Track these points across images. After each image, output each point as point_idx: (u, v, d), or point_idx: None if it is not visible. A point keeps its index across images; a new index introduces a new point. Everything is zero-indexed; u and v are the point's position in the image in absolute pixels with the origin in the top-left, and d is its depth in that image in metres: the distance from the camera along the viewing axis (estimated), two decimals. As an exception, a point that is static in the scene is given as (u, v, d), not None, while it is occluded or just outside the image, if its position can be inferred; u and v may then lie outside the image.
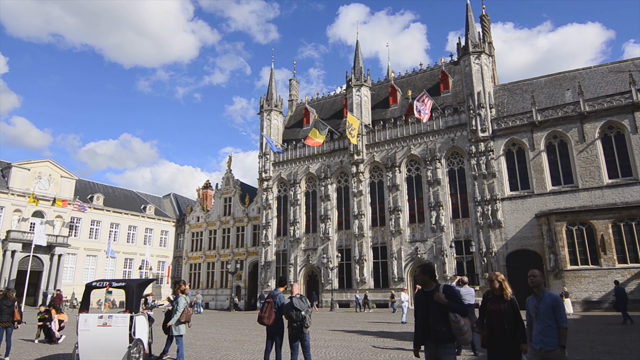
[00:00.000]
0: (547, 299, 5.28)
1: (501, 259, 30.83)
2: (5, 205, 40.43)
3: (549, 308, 5.20)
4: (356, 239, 36.68)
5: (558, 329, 5.11)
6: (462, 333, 5.03)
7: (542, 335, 5.19)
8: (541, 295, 5.37)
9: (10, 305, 11.50)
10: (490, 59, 36.49)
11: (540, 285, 5.38)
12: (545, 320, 5.19)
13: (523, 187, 31.72)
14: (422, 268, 5.46)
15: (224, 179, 50.07)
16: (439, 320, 5.11)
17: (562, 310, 5.14)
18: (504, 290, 5.57)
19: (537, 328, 5.27)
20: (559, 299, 5.20)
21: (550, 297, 5.27)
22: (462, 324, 5.02)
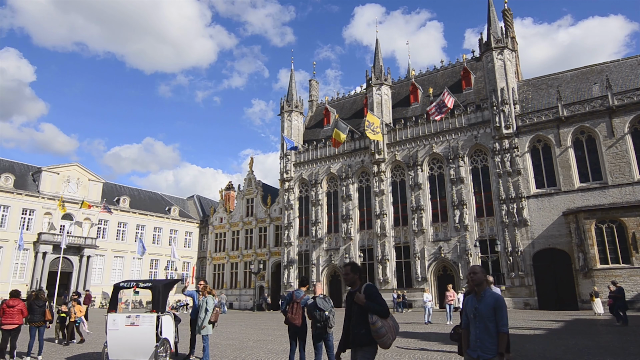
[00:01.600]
0: (488, 299, 4.66)
1: (527, 258, 30.18)
2: (36, 209, 41.74)
3: (489, 309, 4.58)
4: (378, 238, 36.48)
5: (497, 333, 4.50)
6: (379, 335, 4.68)
7: (480, 340, 4.59)
8: (482, 294, 4.74)
9: (42, 305, 11.86)
10: (513, 54, 35.76)
11: (482, 284, 4.81)
12: (484, 323, 4.58)
13: (549, 184, 30.97)
14: (351, 266, 5.10)
15: (246, 180, 50.52)
16: (358, 322, 4.82)
17: (504, 312, 4.53)
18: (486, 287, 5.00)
19: (475, 332, 4.68)
20: (501, 300, 4.64)
21: (492, 297, 4.64)
22: (380, 326, 4.68)
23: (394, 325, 4.85)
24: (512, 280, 30.26)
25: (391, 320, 4.85)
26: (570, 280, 28.39)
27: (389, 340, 4.74)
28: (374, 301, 4.79)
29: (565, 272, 28.71)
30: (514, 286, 30.25)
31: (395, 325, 4.87)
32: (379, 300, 4.83)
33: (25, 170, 44.38)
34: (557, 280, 28.87)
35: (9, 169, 42.69)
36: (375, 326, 4.67)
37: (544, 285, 29.32)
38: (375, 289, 4.93)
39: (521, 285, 29.97)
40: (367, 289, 4.89)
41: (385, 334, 4.69)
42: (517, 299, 29.88)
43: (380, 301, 4.83)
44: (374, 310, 4.72)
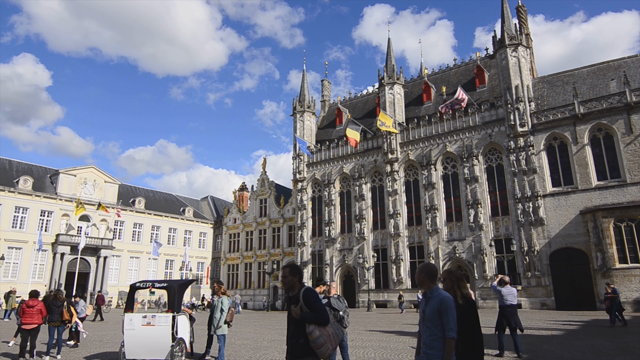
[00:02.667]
0: (433, 301, 4.17)
1: (544, 257, 29.76)
2: (54, 210, 42.48)
3: (434, 312, 4.11)
4: (392, 238, 36.32)
5: (443, 338, 4.03)
6: (317, 346, 4.32)
7: (426, 346, 4.16)
8: (429, 295, 4.26)
9: (60, 305, 12.06)
10: (527, 51, 35.29)
11: (424, 283, 4.33)
12: (430, 328, 4.14)
13: (566, 182, 30.49)
14: (289, 268, 4.72)
15: (259, 181, 50.72)
16: (296, 331, 4.45)
17: (451, 316, 4.03)
18: (458, 291, 4.45)
19: (423, 337, 4.25)
20: (448, 301, 4.11)
21: (438, 298, 4.15)
22: (317, 336, 4.32)
23: (334, 333, 4.52)
24: (529, 280, 29.87)
25: (331, 328, 4.52)
26: (588, 280, 27.91)
27: (327, 350, 4.39)
28: (312, 308, 4.45)
29: (583, 271, 28.24)
30: (530, 286, 29.85)
31: (336, 332, 4.58)
32: (317, 306, 4.48)
33: (43, 173, 45.19)
34: (575, 280, 28.41)
35: (28, 171, 43.53)
36: (313, 336, 4.34)
37: (561, 285, 28.89)
38: (315, 294, 4.59)
39: (538, 285, 29.57)
40: (306, 295, 4.54)
41: (323, 343, 4.35)
42: (533, 299, 29.49)
43: (318, 308, 4.48)
44: (311, 320, 4.38)
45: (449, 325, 4.01)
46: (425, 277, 4.34)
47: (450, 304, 4.10)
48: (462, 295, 4.31)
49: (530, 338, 13.78)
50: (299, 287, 4.67)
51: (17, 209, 40.32)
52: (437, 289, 4.27)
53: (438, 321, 4.08)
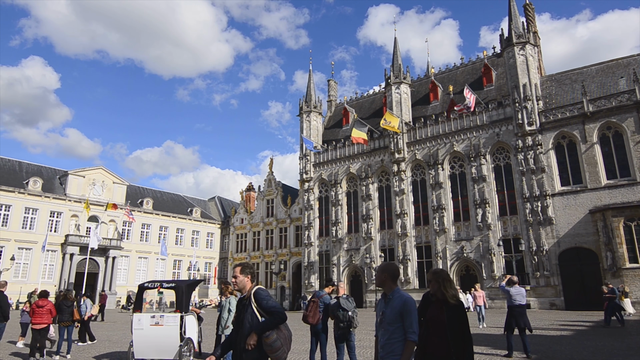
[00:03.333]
0: (395, 302, 4.02)
1: (553, 257, 29.53)
2: (63, 211, 42.86)
3: (396, 314, 3.95)
4: (399, 238, 36.22)
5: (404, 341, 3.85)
6: (273, 350, 4.05)
7: (384, 349, 3.97)
8: (389, 296, 4.11)
9: (70, 305, 12.18)
10: (535, 49, 35.04)
11: (386, 283, 4.16)
12: (389, 331, 3.96)
13: (575, 181, 30.22)
14: (240, 267, 4.44)
15: (266, 181, 50.81)
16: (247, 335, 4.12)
17: (414, 318, 3.88)
18: (445, 292, 4.20)
19: (381, 339, 4.05)
20: (411, 303, 3.95)
21: (400, 300, 3.99)
22: (274, 339, 4.05)
23: (288, 336, 4.28)
24: (538, 280, 29.64)
25: (286, 330, 4.29)
26: (598, 279, 27.60)
27: (283, 354, 4.15)
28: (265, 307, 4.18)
29: (593, 271, 27.97)
30: (539, 286, 29.63)
31: (289, 334, 4.31)
32: (270, 304, 4.21)
33: (53, 174, 45.62)
34: (584, 280, 28.15)
35: (37, 172, 43.95)
36: (269, 339, 4.04)
37: (571, 285, 28.64)
38: (265, 293, 4.33)
39: (547, 285, 29.34)
40: (257, 296, 4.26)
41: (279, 347, 4.09)
42: (542, 299, 29.27)
43: (271, 305, 4.20)
44: (269, 327, 4.10)
45: (412, 328, 3.85)
46: (387, 278, 4.16)
47: (413, 306, 3.96)
48: (450, 296, 4.11)
49: (539, 338, 13.68)
50: (252, 287, 4.38)
51: (27, 209, 40.74)
52: (398, 290, 4.11)
53: (399, 323, 3.91)
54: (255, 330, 4.08)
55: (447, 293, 4.12)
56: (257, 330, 4.08)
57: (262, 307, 4.22)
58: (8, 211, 39.59)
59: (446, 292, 4.13)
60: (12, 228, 39.50)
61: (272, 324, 4.13)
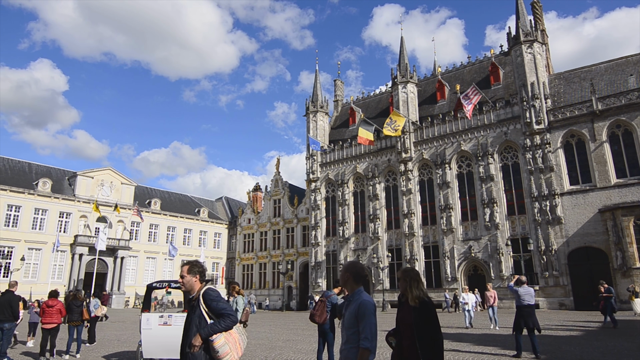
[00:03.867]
0: (352, 305, 3.71)
1: (562, 257, 29.29)
2: (72, 212, 43.25)
3: (352, 318, 3.65)
4: (406, 238, 36.12)
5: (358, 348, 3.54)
6: (220, 355, 3.79)
7: (341, 354, 3.71)
8: (350, 298, 3.84)
9: (79, 305, 12.29)
10: (543, 47, 34.78)
11: (348, 283, 3.89)
12: (346, 335, 3.69)
13: (584, 180, 29.96)
14: (189, 266, 4.15)
15: (273, 181, 50.90)
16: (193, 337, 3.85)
17: (368, 322, 3.56)
18: (410, 292, 3.95)
19: (340, 345, 3.81)
20: (367, 306, 3.62)
21: (356, 303, 3.68)
22: (222, 343, 3.79)
23: (240, 340, 4.03)
24: (546, 280, 29.42)
25: (238, 334, 4.03)
26: (608, 279, 27.28)
27: (233, 359, 3.90)
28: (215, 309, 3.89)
29: (603, 271, 27.69)
30: (548, 286, 29.41)
31: (242, 339, 4.09)
32: (220, 306, 3.92)
33: (62, 175, 46.03)
34: (594, 280, 27.70)
35: (47, 174, 44.38)
36: (217, 343, 3.77)
37: (580, 285, 28.37)
38: (216, 294, 4.02)
39: (556, 285, 29.11)
40: (206, 297, 3.96)
41: (227, 352, 3.83)
42: (551, 299, 29.04)
43: (222, 307, 3.90)
44: (217, 330, 3.81)
45: (364, 334, 3.52)
46: (350, 277, 3.90)
47: (369, 309, 3.62)
48: (413, 297, 3.85)
49: (548, 339, 13.58)
50: (201, 287, 4.07)
51: (36, 210, 41.15)
52: (359, 291, 3.83)
53: (355, 328, 3.61)
54: (200, 332, 3.80)
55: (411, 294, 3.91)
56: (203, 332, 3.80)
57: (212, 309, 3.93)
58: (18, 212, 40.01)
59: (410, 293, 3.92)
60: (22, 229, 39.92)
61: (221, 327, 3.84)
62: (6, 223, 39.25)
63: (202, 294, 4.01)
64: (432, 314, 3.85)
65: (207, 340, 3.81)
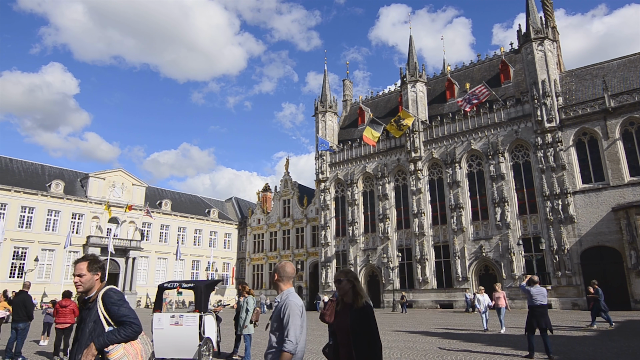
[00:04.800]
0: (278, 306, 3.57)
1: (575, 256, 28.95)
2: (84, 213, 43.72)
3: (278, 319, 3.51)
4: (416, 238, 35.96)
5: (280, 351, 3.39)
6: None
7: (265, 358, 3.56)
8: (278, 299, 3.66)
9: (93, 305, 12.38)
10: (554, 44, 34.42)
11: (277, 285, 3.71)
12: (272, 338, 3.52)
13: (597, 179, 29.58)
14: (88, 262, 3.56)
15: (282, 182, 51.00)
16: (85, 346, 3.29)
17: (292, 325, 3.40)
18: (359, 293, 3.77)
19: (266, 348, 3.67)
20: (290, 307, 3.47)
21: (284, 303, 3.54)
22: (119, 356, 3.25)
23: (144, 351, 3.45)
24: (559, 280, 29.10)
25: (140, 344, 3.44)
26: (622, 279, 27.00)
27: None
28: (115, 315, 3.35)
29: (616, 271, 27.33)
30: (560, 286, 29.08)
31: (146, 350, 3.50)
32: (122, 312, 3.36)
33: (74, 177, 46.56)
34: (608, 280, 27.48)
35: (59, 175, 44.91)
36: (113, 355, 3.23)
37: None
38: (119, 296, 3.48)
39: (568, 284, 28.78)
40: (106, 299, 3.41)
41: None
42: (564, 299, 28.71)
43: (123, 314, 3.36)
44: (116, 340, 3.26)
45: (289, 337, 3.39)
46: (279, 278, 3.75)
47: (294, 310, 3.47)
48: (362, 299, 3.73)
49: (561, 339, 13.43)
50: (100, 287, 3.52)
51: (49, 212, 41.65)
52: (287, 292, 3.66)
53: (280, 330, 3.47)
54: (95, 342, 3.23)
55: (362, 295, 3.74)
56: (97, 342, 3.22)
57: (112, 313, 3.36)
58: (32, 213, 40.55)
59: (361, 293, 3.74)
60: (36, 230, 40.44)
61: (120, 337, 3.28)
62: (20, 224, 39.79)
63: (101, 296, 3.42)
64: (372, 318, 3.66)
65: (102, 351, 3.25)
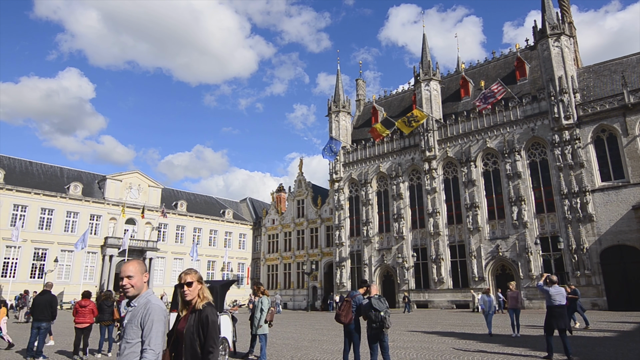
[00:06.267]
0: (135, 310, 3.17)
1: (594, 255, 28.40)
2: (102, 214, 44.41)
3: (135, 323, 3.09)
4: (432, 237, 35.69)
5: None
6: None
7: None
8: (133, 303, 3.24)
9: (110, 305, 12.61)
10: (571, 40, 33.83)
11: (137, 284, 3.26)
12: (125, 346, 3.08)
13: (616, 176, 28.97)
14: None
15: (296, 182, 51.10)
16: None
17: (154, 332, 3.02)
18: (202, 294, 3.45)
19: None
20: (153, 311, 3.09)
21: (145, 306, 3.14)
22: None
23: None
24: (578, 280, 28.57)
25: None
26: (644, 278, 26.40)
27: None
28: None
29: (637, 270, 26.73)
30: (579, 285, 28.48)
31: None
32: None
33: (92, 179, 47.34)
34: (628, 279, 26.94)
35: (77, 178, 45.71)
36: None
37: (614, 285, 27.46)
38: None
39: (588, 284, 28.25)
40: None
41: None
42: (583, 299, 28.01)
43: None
44: None
45: (150, 346, 2.99)
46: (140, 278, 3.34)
47: (157, 315, 3.09)
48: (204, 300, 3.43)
49: (581, 340, 13.19)
50: None
51: (68, 213, 42.42)
52: (145, 295, 3.25)
53: (138, 339, 3.05)
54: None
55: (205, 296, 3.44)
56: None
57: None
58: (51, 215, 41.34)
59: (203, 295, 3.44)
60: (55, 231, 41.22)
61: None
62: (40, 226, 40.60)
63: None
64: (211, 322, 3.35)
65: None
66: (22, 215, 39.32)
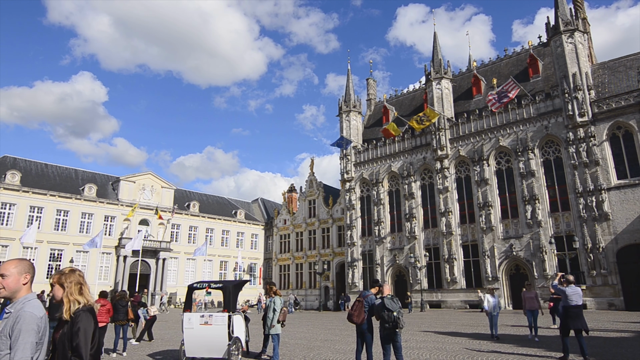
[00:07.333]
0: (9, 318, 2.85)
1: (610, 255, 27.94)
2: (116, 215, 44.94)
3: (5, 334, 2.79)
4: (444, 237, 35.44)
5: None
6: None
7: None
8: (9, 309, 2.93)
9: (125, 305, 12.75)
10: (585, 36, 33.31)
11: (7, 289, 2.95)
12: None
13: (633, 174, 28.47)
14: None
15: (308, 182, 51.14)
16: None
17: (22, 342, 2.73)
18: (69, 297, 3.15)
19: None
20: (27, 319, 2.80)
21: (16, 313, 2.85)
22: None
23: None
24: (594, 279, 28.15)
25: None
26: (662, 278, 25.91)
27: None
28: None
29: (656, 269, 26.24)
30: (595, 285, 28.13)
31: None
32: None
33: (106, 180, 47.93)
34: (646, 279, 26.45)
35: (92, 179, 46.32)
36: None
37: (631, 284, 26.98)
38: None
39: (604, 284, 27.80)
40: None
41: None
42: (600, 299, 27.76)
43: None
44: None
45: (16, 356, 2.68)
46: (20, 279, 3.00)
47: (29, 324, 2.77)
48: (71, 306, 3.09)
49: (597, 340, 12.99)
50: None
51: (83, 214, 43.01)
52: (25, 299, 2.93)
53: (7, 350, 2.74)
54: None
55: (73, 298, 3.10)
56: None
57: None
58: (66, 216, 41.94)
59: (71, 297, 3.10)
60: (70, 232, 41.81)
61: None
62: (56, 227, 41.22)
63: None
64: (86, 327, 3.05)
65: None
66: (38, 216, 39.95)
